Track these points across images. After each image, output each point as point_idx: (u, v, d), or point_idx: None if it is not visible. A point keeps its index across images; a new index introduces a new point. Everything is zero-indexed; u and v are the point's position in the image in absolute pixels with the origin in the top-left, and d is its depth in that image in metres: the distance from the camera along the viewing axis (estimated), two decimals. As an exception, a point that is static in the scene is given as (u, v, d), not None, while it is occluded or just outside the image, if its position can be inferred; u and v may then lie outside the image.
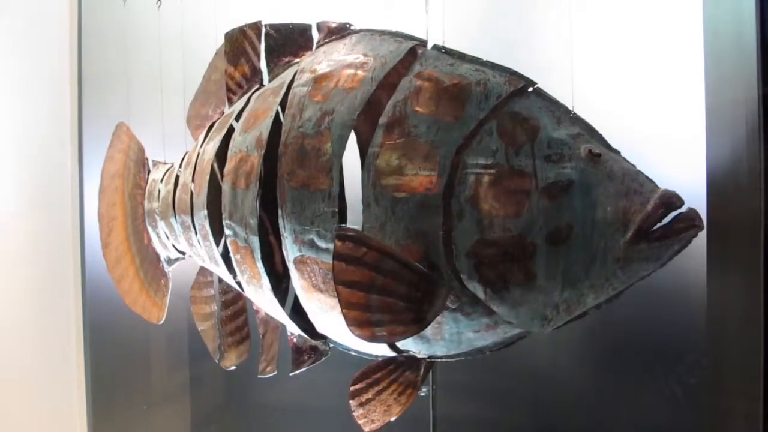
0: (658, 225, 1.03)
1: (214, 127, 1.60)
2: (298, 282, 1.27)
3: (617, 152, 1.13)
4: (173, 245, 1.76)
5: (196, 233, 1.56)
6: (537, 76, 1.21)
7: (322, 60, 1.33)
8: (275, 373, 1.57)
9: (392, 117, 1.14)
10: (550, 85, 1.22)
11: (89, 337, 2.19)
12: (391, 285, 1.07)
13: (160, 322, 1.81)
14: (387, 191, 1.12)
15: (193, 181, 1.56)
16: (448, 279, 1.11)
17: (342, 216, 1.21)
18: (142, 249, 1.82)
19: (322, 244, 1.17)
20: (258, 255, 1.32)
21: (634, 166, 1.11)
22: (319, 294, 1.23)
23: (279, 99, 1.35)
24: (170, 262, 1.84)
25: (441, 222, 1.09)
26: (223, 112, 1.64)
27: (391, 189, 1.11)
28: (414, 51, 1.24)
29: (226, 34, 1.57)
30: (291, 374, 1.52)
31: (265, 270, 1.33)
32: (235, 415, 2.27)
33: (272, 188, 1.30)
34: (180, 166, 1.71)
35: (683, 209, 1.04)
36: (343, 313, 1.10)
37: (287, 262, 1.27)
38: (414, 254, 1.10)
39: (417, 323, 1.09)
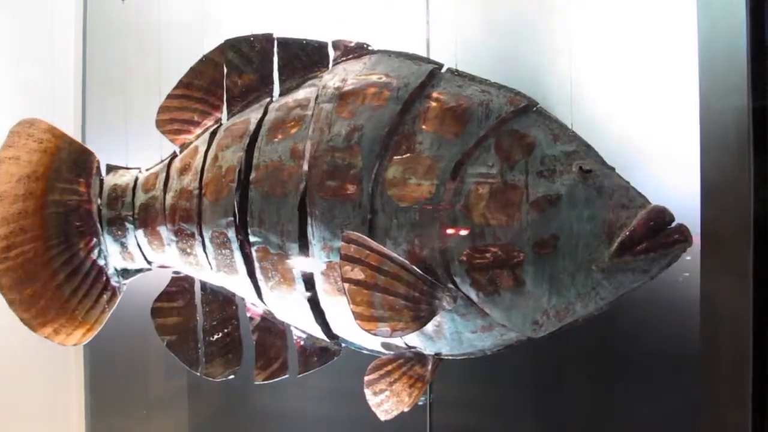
0: (646, 239, 1.19)
1: (221, 133, 1.67)
2: (322, 286, 1.44)
3: (612, 169, 1.31)
4: (143, 256, 1.77)
5: (202, 241, 1.62)
6: (535, 89, 1.42)
7: (344, 77, 1.50)
8: (287, 376, 1.68)
9: (401, 134, 1.36)
10: (548, 97, 1.45)
11: (87, 342, 2.26)
12: (391, 285, 1.27)
13: (83, 344, 1.78)
14: (392, 200, 1.33)
15: (200, 187, 1.62)
16: (445, 282, 1.31)
17: (372, 224, 1.36)
18: (74, 263, 1.74)
19: None
20: (295, 261, 1.47)
21: (627, 182, 1.28)
22: (343, 297, 1.38)
23: (310, 112, 1.49)
24: (128, 274, 1.81)
25: (438, 229, 1.30)
26: (219, 119, 1.73)
27: (395, 198, 1.33)
28: (432, 74, 1.44)
29: (230, 42, 1.67)
30: (299, 375, 1.65)
31: (300, 275, 1.47)
32: (233, 421, 2.35)
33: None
34: (167, 171, 1.73)
35: (673, 224, 1.20)
36: (350, 309, 1.29)
37: (313, 267, 1.44)
38: (414, 258, 1.31)
39: (415, 321, 1.29)
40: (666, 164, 1.78)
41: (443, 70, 1.48)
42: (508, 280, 1.26)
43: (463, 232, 1.29)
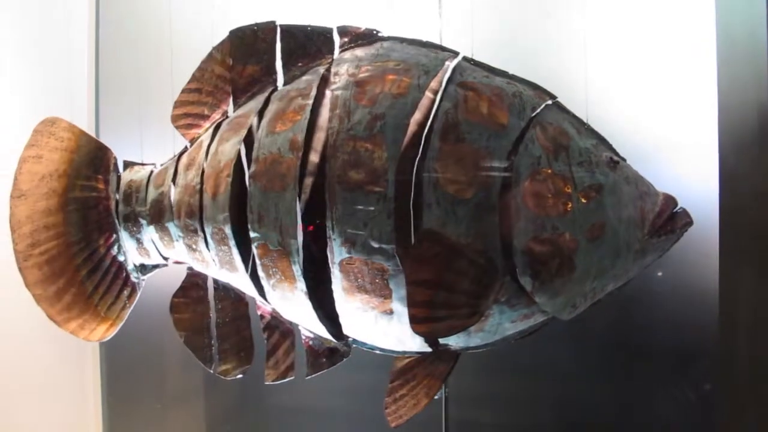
0: (667, 221, 1.35)
1: (223, 127, 1.65)
2: (340, 284, 1.41)
3: (624, 160, 1.41)
4: (158, 251, 1.79)
5: (205, 237, 1.62)
6: (550, 83, 1.45)
7: (358, 64, 1.47)
8: (293, 378, 1.67)
9: (445, 123, 1.34)
10: (564, 90, 1.45)
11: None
12: (457, 281, 1.28)
13: (106, 339, 1.82)
14: (448, 193, 1.31)
15: (202, 182, 1.61)
16: (502, 273, 1.32)
17: (397, 217, 1.34)
18: (95, 259, 1.79)
19: (375, 244, 1.33)
20: (295, 258, 1.43)
21: (637, 172, 1.40)
22: (363, 295, 1.39)
23: (311, 101, 1.47)
24: (146, 270, 1.85)
25: (498, 221, 1.30)
26: (226, 112, 1.72)
27: (452, 191, 1.31)
28: (451, 62, 1.44)
29: (234, 33, 1.64)
30: (307, 378, 1.64)
31: (302, 272, 1.45)
32: (249, 416, 2.38)
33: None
34: (176, 166, 1.74)
35: (678, 208, 1.37)
36: (409, 312, 1.29)
37: (330, 264, 1.40)
38: (475, 252, 1.30)
39: (472, 317, 1.30)
40: (685, 158, 1.82)
41: (459, 58, 1.47)
42: (564, 267, 1.31)
43: (524, 223, 1.30)
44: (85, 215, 1.78)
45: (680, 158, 1.80)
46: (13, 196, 1.74)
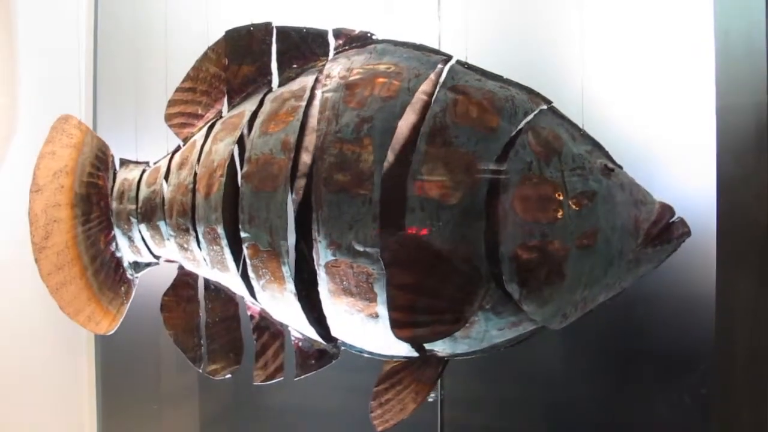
0: (663, 231, 1.32)
1: (217, 126, 1.66)
2: (326, 286, 1.40)
3: (620, 167, 1.38)
4: (149, 250, 1.81)
5: (196, 236, 1.63)
6: (546, 85, 1.43)
7: (350, 67, 1.46)
8: (282, 378, 1.67)
9: (433, 127, 1.32)
10: (561, 93, 1.44)
11: (99, 336, 2.24)
12: (439, 287, 1.26)
13: (110, 333, 1.85)
14: (433, 198, 1.29)
15: (195, 182, 1.63)
16: (487, 280, 1.29)
17: (383, 220, 1.32)
18: (97, 254, 1.84)
19: (359, 247, 1.32)
20: (285, 259, 1.43)
21: (634, 179, 1.37)
22: (348, 297, 1.38)
23: (304, 103, 1.47)
24: (138, 268, 1.89)
25: (484, 227, 1.28)
26: (220, 112, 1.72)
27: (436, 196, 1.29)
28: (443, 65, 1.42)
29: (230, 33, 1.65)
30: (296, 379, 1.63)
31: (290, 273, 1.45)
32: (243, 416, 2.38)
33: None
34: (168, 164, 1.75)
35: (675, 218, 1.33)
36: (390, 316, 1.28)
37: (316, 266, 1.40)
38: (459, 257, 1.28)
39: (456, 323, 1.28)
40: (683, 161, 1.80)
41: (452, 62, 1.45)
42: (553, 275, 1.28)
43: (512, 229, 1.28)
44: (89, 211, 1.84)
45: (678, 162, 1.79)
46: (32, 190, 1.81)
